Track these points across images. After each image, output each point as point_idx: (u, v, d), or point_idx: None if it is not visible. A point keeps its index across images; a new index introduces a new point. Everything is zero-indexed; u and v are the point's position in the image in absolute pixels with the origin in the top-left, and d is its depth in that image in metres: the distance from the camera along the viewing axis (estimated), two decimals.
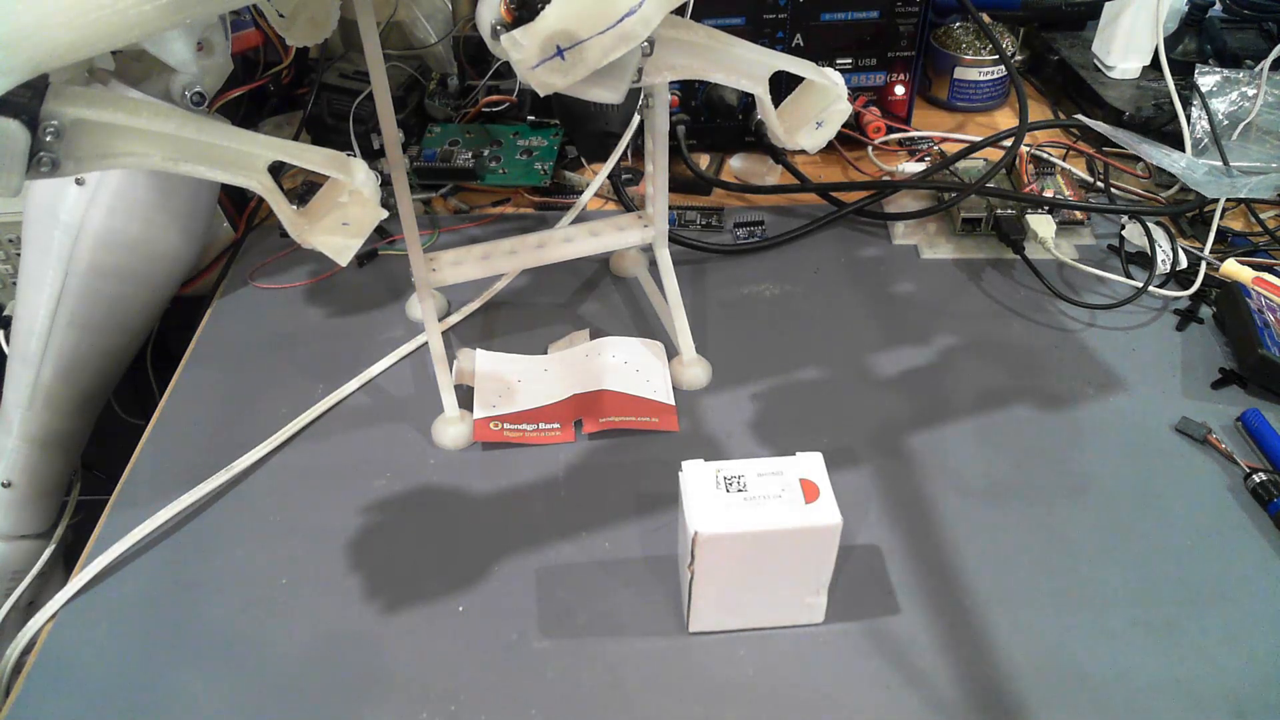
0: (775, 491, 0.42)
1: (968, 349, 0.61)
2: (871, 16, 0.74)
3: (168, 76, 0.59)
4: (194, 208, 0.64)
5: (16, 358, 0.61)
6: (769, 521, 0.41)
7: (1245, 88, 0.76)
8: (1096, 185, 0.74)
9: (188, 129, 0.37)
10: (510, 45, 0.37)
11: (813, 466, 0.43)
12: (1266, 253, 0.68)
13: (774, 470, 0.43)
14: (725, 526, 0.41)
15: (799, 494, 0.42)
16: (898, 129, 0.79)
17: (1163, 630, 0.45)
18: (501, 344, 0.62)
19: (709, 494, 0.42)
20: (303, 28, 0.47)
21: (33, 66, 0.31)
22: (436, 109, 0.79)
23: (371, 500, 0.52)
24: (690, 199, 0.75)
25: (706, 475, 0.43)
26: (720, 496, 0.42)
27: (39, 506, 0.65)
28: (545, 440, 0.55)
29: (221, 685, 0.44)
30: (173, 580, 0.49)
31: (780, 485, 0.42)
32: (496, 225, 0.73)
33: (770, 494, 0.42)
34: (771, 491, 0.42)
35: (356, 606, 0.47)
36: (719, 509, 0.41)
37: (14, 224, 0.69)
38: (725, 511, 0.41)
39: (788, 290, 0.66)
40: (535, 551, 0.50)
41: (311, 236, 0.42)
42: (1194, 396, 0.58)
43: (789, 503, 0.41)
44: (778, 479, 0.42)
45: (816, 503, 0.42)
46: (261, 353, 0.62)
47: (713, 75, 0.44)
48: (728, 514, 0.41)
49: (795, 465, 0.43)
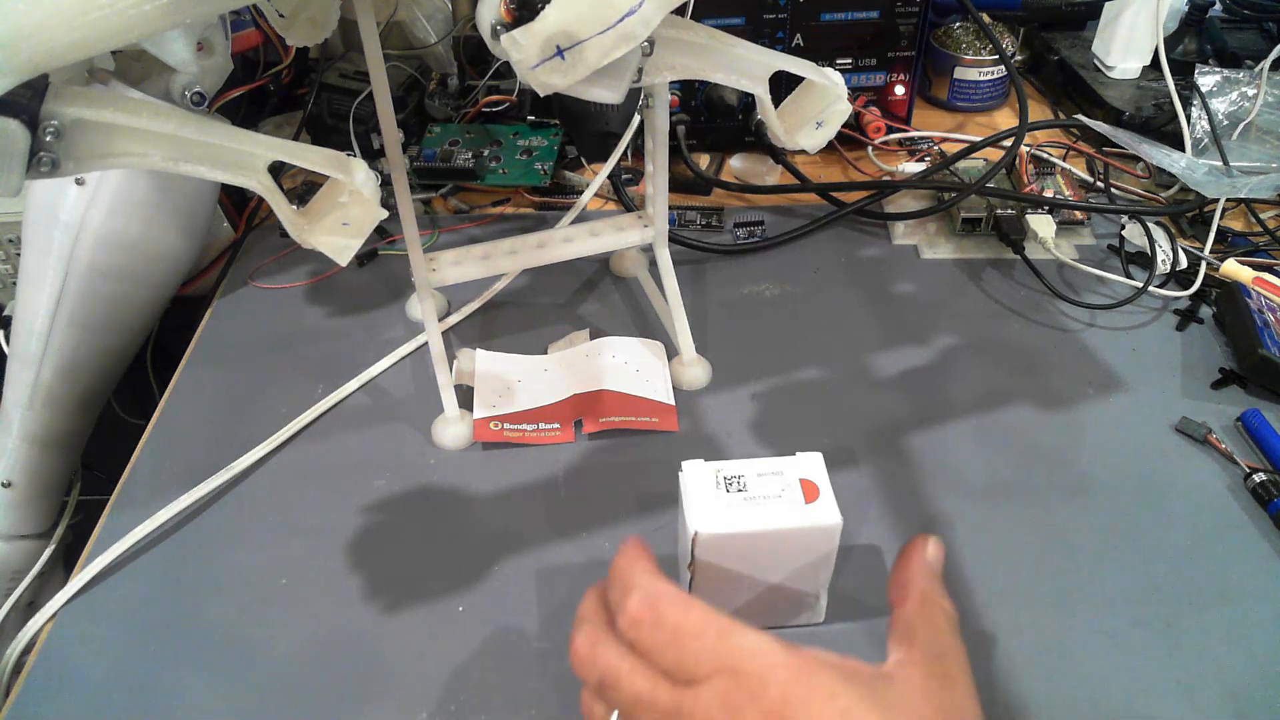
0: (775, 491, 0.42)
1: (968, 349, 0.61)
2: (871, 16, 0.74)
3: (168, 76, 0.59)
4: (194, 208, 0.64)
5: (16, 358, 0.61)
6: (769, 521, 0.41)
7: (1245, 88, 0.76)
8: (1096, 185, 0.74)
9: (188, 129, 0.37)
10: (510, 45, 0.37)
11: (813, 466, 0.43)
12: (1266, 253, 0.68)
13: (774, 470, 0.43)
14: (725, 526, 0.41)
15: (799, 494, 0.42)
16: (898, 129, 0.79)
17: (1163, 630, 0.45)
18: (501, 344, 0.62)
19: (709, 494, 0.42)
20: (303, 28, 0.47)
21: (33, 66, 0.31)
22: (436, 109, 0.79)
23: (371, 500, 0.52)
24: (690, 199, 0.75)
25: (706, 475, 0.43)
26: (720, 496, 0.42)
27: (39, 506, 0.65)
28: (545, 440, 0.55)
29: (221, 685, 0.44)
30: (173, 580, 0.49)
31: (780, 485, 0.42)
32: (496, 225, 0.73)
33: (770, 494, 0.42)
34: (771, 491, 0.42)
35: (356, 606, 0.47)
36: (719, 509, 0.41)
37: (14, 224, 0.69)
38: (725, 511, 0.41)
39: (788, 290, 0.66)
40: (535, 551, 0.50)
41: (311, 236, 0.42)
42: (1194, 396, 0.58)
43: (789, 503, 0.41)
44: (778, 479, 0.42)
45: (816, 503, 0.42)
46: (261, 353, 0.62)
47: (713, 75, 0.44)
48: (728, 514, 0.41)
49: (795, 465, 0.43)
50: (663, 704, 0.33)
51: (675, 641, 0.33)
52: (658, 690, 0.33)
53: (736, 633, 0.33)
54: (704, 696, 0.32)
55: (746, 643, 0.33)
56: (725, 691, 0.32)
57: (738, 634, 0.33)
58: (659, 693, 0.33)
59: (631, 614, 0.35)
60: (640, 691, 0.34)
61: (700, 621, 0.33)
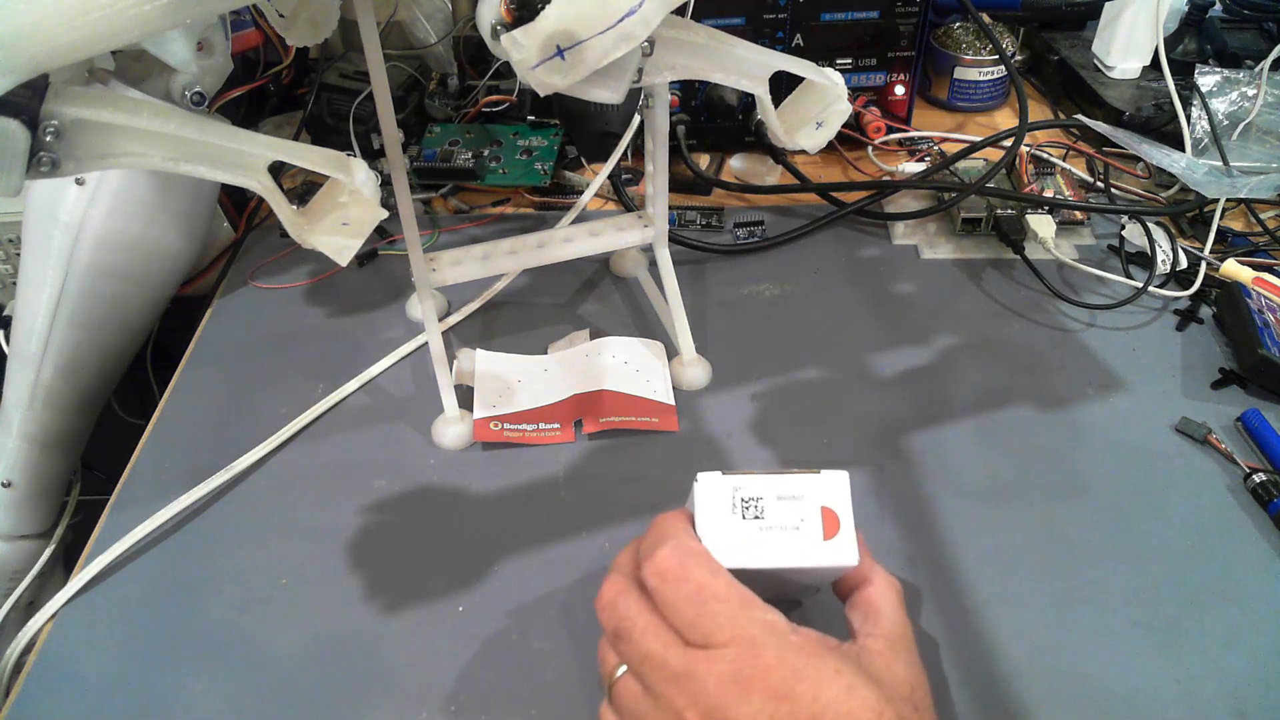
0: (793, 522, 0.39)
1: (968, 349, 0.61)
2: (871, 16, 0.74)
3: (168, 76, 0.59)
4: (194, 208, 0.64)
5: (16, 358, 0.61)
6: (783, 559, 0.38)
7: (1245, 88, 0.76)
8: (1096, 185, 0.74)
9: (188, 129, 0.37)
10: (510, 45, 0.37)
11: (836, 491, 0.40)
12: (1266, 253, 0.68)
13: (794, 494, 0.39)
14: (736, 560, 0.38)
15: (818, 526, 0.39)
16: (898, 129, 0.79)
17: (1163, 630, 0.45)
18: (501, 344, 0.62)
19: (723, 516, 0.39)
20: (303, 28, 0.47)
21: (33, 66, 0.31)
22: (436, 109, 0.79)
23: (371, 500, 0.52)
24: (690, 199, 0.75)
25: (723, 493, 0.39)
26: (734, 522, 0.39)
27: (39, 506, 0.65)
28: (545, 440, 0.55)
29: (221, 685, 0.44)
30: (173, 580, 0.49)
31: (799, 514, 0.39)
32: (496, 225, 0.73)
33: (788, 525, 0.39)
34: (789, 522, 0.39)
35: (356, 606, 0.47)
36: (731, 536, 0.39)
37: (14, 224, 0.69)
38: (737, 540, 0.38)
39: (788, 290, 0.66)
40: (535, 551, 0.50)
41: (311, 236, 0.42)
42: (1194, 396, 0.58)
43: (806, 536, 0.39)
44: (797, 506, 0.39)
45: (835, 539, 0.39)
46: (261, 353, 0.62)
47: (713, 75, 0.44)
48: (740, 544, 0.38)
49: (818, 489, 0.40)
50: (673, 665, 0.34)
51: (696, 599, 0.35)
52: (669, 651, 0.34)
53: (757, 606, 0.35)
54: (716, 664, 0.33)
55: (766, 617, 0.34)
56: (738, 662, 0.33)
57: (758, 608, 0.35)
58: (670, 654, 0.34)
59: (659, 564, 0.36)
60: (651, 650, 0.35)
61: (725, 588, 0.35)
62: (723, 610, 0.34)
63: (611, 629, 0.37)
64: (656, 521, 0.38)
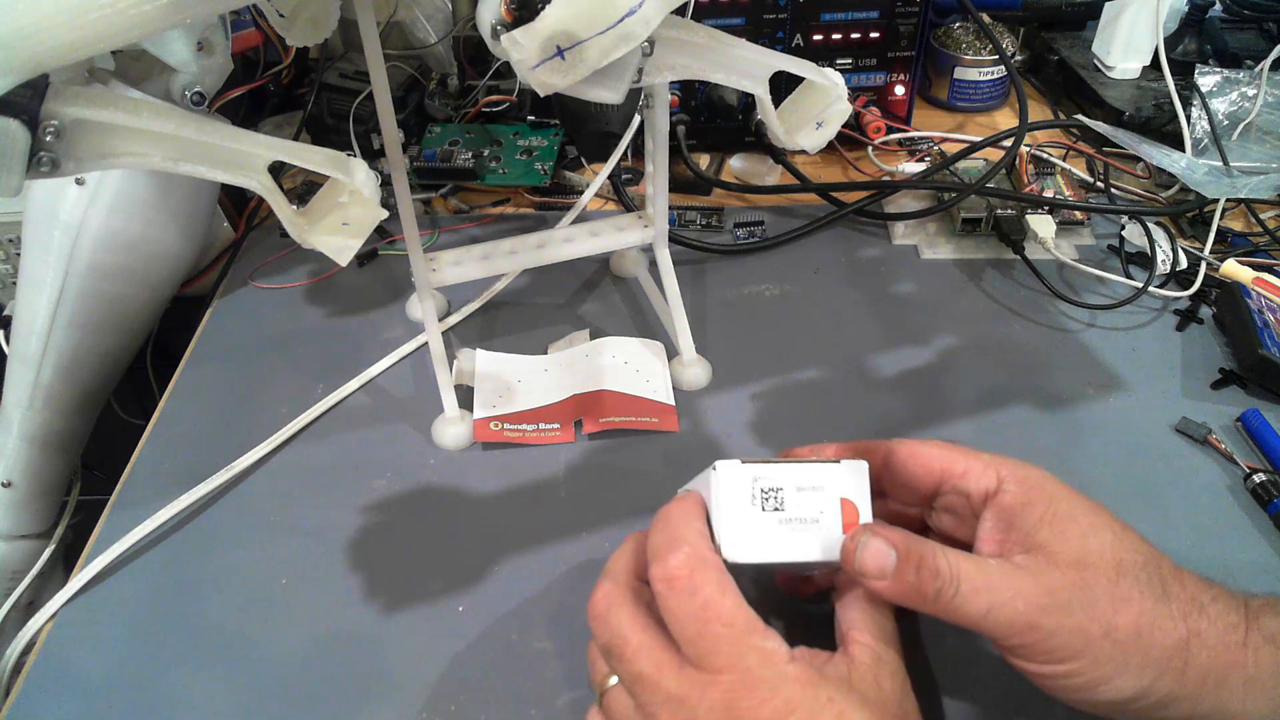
0: (813, 514, 0.38)
1: (968, 349, 0.61)
2: (871, 16, 0.74)
3: (168, 76, 0.59)
4: (194, 208, 0.64)
5: (16, 358, 0.61)
6: (802, 553, 0.38)
7: (1245, 88, 0.76)
8: (1096, 185, 0.74)
9: (188, 129, 0.37)
10: (510, 45, 0.37)
11: (855, 482, 0.39)
12: (1266, 253, 0.68)
13: (815, 484, 0.38)
14: (755, 555, 0.38)
15: (837, 518, 0.38)
16: (898, 129, 0.79)
17: None
18: (501, 344, 0.62)
19: (742, 507, 0.38)
20: (303, 28, 0.47)
21: (33, 66, 0.31)
22: (436, 109, 0.79)
23: (371, 500, 0.52)
24: (690, 199, 0.75)
25: (743, 483, 0.38)
26: (754, 514, 0.38)
27: (39, 506, 0.65)
28: (545, 440, 0.55)
29: (221, 685, 0.44)
30: (173, 580, 0.49)
31: (819, 506, 0.38)
32: (496, 225, 0.73)
33: (808, 517, 0.38)
34: (809, 514, 0.38)
35: (356, 606, 0.47)
36: (750, 528, 0.37)
37: (14, 224, 0.69)
38: (757, 533, 0.38)
39: (788, 290, 0.66)
40: (535, 551, 0.50)
41: (311, 236, 0.42)
42: (1194, 396, 0.58)
43: (825, 528, 0.38)
44: (817, 497, 0.38)
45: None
46: (261, 353, 0.62)
47: (713, 75, 0.44)
48: (759, 538, 0.38)
49: (838, 479, 0.39)
50: (666, 689, 0.33)
51: (700, 617, 0.34)
52: (662, 674, 0.34)
53: (759, 633, 0.34)
54: (710, 692, 0.33)
55: (765, 645, 0.34)
56: (732, 692, 0.33)
57: (759, 635, 0.34)
58: (663, 676, 0.34)
59: (669, 570, 0.35)
60: (643, 671, 0.34)
61: (731, 611, 0.34)
62: (724, 635, 0.33)
63: (604, 644, 0.36)
64: (664, 514, 0.37)
